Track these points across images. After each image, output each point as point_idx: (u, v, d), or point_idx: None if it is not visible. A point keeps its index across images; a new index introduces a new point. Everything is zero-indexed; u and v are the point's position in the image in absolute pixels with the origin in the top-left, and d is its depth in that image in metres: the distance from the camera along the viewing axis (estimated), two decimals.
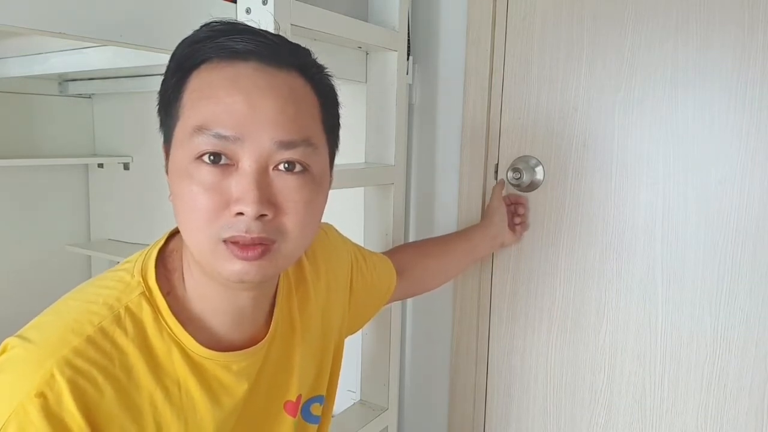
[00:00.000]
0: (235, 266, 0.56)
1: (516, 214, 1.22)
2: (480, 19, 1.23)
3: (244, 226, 0.54)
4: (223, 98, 0.55)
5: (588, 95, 1.15)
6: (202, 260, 0.58)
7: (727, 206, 1.05)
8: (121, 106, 1.85)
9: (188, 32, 0.59)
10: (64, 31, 0.73)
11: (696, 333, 1.09)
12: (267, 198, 0.55)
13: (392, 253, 1.06)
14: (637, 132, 1.11)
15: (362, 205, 1.27)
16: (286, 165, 0.56)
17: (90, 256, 1.96)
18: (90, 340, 0.55)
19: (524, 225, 1.23)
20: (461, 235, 1.19)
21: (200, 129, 0.54)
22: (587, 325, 1.20)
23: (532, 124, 1.22)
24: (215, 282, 0.60)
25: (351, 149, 1.22)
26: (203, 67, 0.57)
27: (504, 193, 1.24)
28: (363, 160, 1.26)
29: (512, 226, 1.21)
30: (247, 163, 0.55)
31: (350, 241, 0.94)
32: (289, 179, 0.57)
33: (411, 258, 1.07)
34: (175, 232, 0.67)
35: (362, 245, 0.99)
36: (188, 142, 0.55)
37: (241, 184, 0.54)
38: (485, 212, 1.24)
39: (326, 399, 0.82)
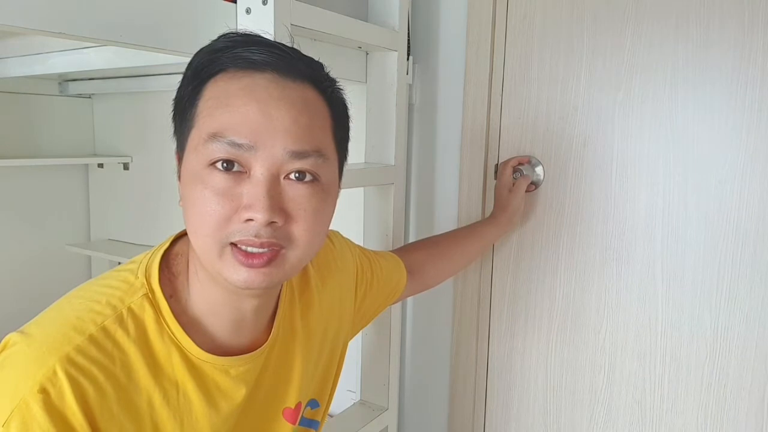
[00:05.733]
0: (241, 274, 0.56)
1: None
2: (480, 19, 1.23)
3: (253, 231, 0.55)
4: (238, 107, 0.56)
5: (588, 95, 1.15)
6: (209, 265, 0.58)
7: (727, 206, 1.04)
8: (121, 106, 1.86)
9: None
10: (64, 31, 0.73)
11: (696, 333, 1.09)
12: (277, 205, 0.56)
13: (405, 253, 1.04)
14: (637, 132, 1.11)
15: (362, 205, 1.27)
16: (297, 174, 0.58)
17: (90, 256, 1.96)
18: (92, 339, 0.56)
19: (517, 183, 1.18)
20: (474, 231, 1.15)
21: (215, 136, 0.55)
22: (587, 325, 1.20)
23: (532, 124, 1.22)
24: (221, 287, 0.61)
25: (351, 149, 1.20)
26: (220, 76, 0.58)
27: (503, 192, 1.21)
28: (363, 160, 1.26)
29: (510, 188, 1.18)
30: (259, 171, 0.56)
31: (355, 245, 0.93)
32: (299, 188, 0.58)
33: (424, 260, 1.06)
34: (179, 236, 0.67)
35: (362, 246, 0.99)
36: (202, 149, 0.56)
37: (252, 192, 0.55)
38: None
39: (322, 403, 0.82)
